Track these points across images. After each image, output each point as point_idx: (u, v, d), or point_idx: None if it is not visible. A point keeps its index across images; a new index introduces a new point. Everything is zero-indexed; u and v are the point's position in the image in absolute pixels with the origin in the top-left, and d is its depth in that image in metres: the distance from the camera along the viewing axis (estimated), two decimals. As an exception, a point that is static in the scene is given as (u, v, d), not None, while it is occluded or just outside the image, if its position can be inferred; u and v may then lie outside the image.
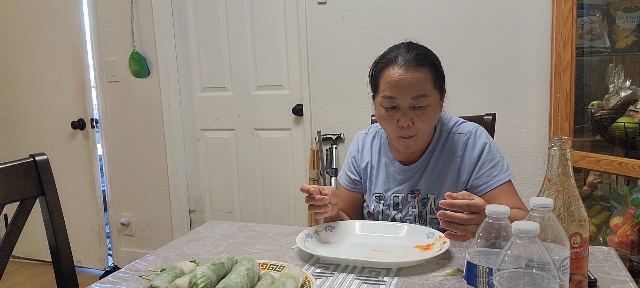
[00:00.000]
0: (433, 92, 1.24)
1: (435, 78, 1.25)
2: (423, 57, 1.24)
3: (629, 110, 1.83)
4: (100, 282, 1.09)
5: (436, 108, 1.27)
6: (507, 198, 1.27)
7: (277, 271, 1.04)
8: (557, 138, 0.84)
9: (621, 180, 1.96)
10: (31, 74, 3.13)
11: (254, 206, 2.96)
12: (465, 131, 1.33)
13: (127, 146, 3.11)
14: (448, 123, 1.37)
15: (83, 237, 3.21)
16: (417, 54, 1.24)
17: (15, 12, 3.09)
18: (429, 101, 1.23)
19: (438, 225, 1.28)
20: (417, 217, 1.35)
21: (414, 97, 1.22)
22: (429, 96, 1.23)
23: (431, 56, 1.27)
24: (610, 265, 1.04)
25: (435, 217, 1.31)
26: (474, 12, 2.33)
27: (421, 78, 1.22)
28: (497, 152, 1.32)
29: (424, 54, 1.26)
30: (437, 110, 1.28)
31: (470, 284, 0.80)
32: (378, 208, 1.40)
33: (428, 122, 1.26)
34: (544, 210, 0.77)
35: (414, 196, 1.36)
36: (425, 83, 1.22)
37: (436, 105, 1.27)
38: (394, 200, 1.38)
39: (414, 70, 1.22)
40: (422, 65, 1.22)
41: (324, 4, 2.56)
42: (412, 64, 1.22)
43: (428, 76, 1.23)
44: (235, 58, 2.84)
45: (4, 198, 1.12)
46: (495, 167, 1.29)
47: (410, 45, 1.28)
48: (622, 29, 2.02)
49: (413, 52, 1.24)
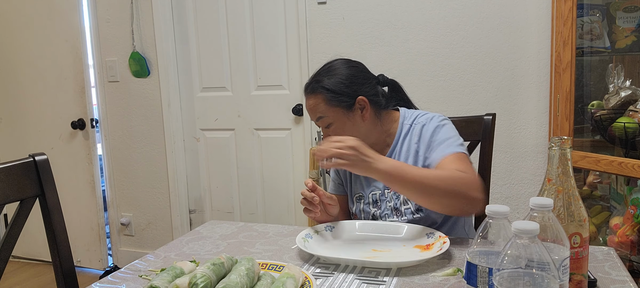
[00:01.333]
0: (330, 111, 1.34)
1: (328, 100, 1.33)
2: (314, 84, 1.36)
3: (629, 110, 1.83)
4: (100, 282, 1.09)
5: (344, 123, 1.34)
6: (452, 164, 1.25)
7: (277, 271, 1.04)
8: (557, 138, 0.84)
9: (621, 180, 1.96)
10: (31, 74, 3.13)
11: (253, 206, 2.96)
12: (421, 121, 1.37)
13: (127, 146, 3.11)
14: (410, 117, 1.41)
15: (83, 237, 3.21)
16: (309, 83, 1.37)
17: (15, 12, 3.09)
18: (329, 120, 1.35)
19: (412, 215, 1.34)
20: (393, 210, 1.39)
21: (315, 119, 1.37)
22: (325, 116, 1.34)
23: (327, 81, 1.34)
24: (610, 265, 1.04)
25: (409, 207, 1.35)
26: (474, 12, 2.33)
27: (314, 103, 1.35)
28: (449, 131, 1.33)
29: (317, 80, 1.36)
30: (346, 124, 1.35)
31: (470, 284, 0.80)
32: (359, 207, 1.45)
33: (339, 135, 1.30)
34: (544, 210, 0.77)
35: (389, 190, 1.39)
36: (318, 106, 1.34)
37: (343, 120, 1.34)
38: (372, 198, 1.42)
39: (308, 98, 1.37)
40: (314, 92, 1.35)
41: (324, 4, 2.56)
42: (306, 93, 1.38)
43: (320, 100, 1.34)
44: (235, 58, 2.84)
45: (3, 198, 1.12)
46: (443, 142, 1.30)
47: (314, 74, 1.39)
48: (622, 29, 2.02)
49: (310, 83, 1.37)
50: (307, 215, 1.31)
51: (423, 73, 2.43)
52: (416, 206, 1.34)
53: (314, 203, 1.27)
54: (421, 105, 2.44)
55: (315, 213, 1.30)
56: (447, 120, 1.37)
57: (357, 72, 1.39)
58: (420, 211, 1.34)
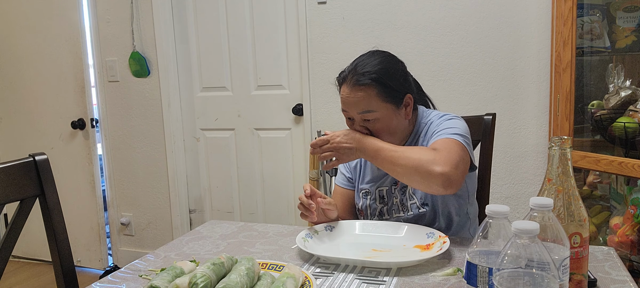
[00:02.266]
0: (381, 106, 1.30)
1: (382, 94, 1.29)
2: (366, 77, 1.29)
3: (629, 110, 1.83)
4: (100, 282, 1.09)
5: (391, 119, 1.32)
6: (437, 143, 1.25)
7: (277, 271, 1.04)
8: (557, 138, 0.84)
9: (621, 180, 1.96)
10: (31, 73, 3.13)
11: (253, 206, 2.96)
12: (433, 118, 1.37)
13: (127, 146, 3.11)
14: (426, 117, 1.41)
15: (83, 236, 3.21)
16: (361, 74, 1.29)
17: (15, 12, 3.09)
18: (377, 115, 1.30)
19: (418, 210, 1.35)
20: (400, 205, 1.39)
21: (360, 112, 1.31)
22: (375, 111, 1.30)
23: (382, 74, 1.30)
24: (610, 265, 1.04)
25: (414, 202, 1.36)
26: (474, 12, 2.33)
27: (364, 96, 1.29)
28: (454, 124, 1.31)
29: (371, 72, 1.29)
30: (392, 121, 1.32)
31: (470, 284, 0.80)
32: (365, 203, 1.45)
33: (383, 131, 1.32)
34: (544, 210, 0.77)
35: (396, 187, 1.40)
36: (370, 99, 1.29)
37: (390, 117, 1.31)
38: (379, 193, 1.42)
39: (358, 89, 1.29)
40: (365, 84, 1.29)
41: (324, 3, 2.56)
42: (356, 84, 1.30)
43: (372, 93, 1.29)
44: (235, 58, 2.84)
45: (3, 197, 1.12)
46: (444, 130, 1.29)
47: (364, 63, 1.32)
48: (622, 29, 2.02)
49: (362, 73, 1.30)
50: (304, 219, 1.31)
51: (423, 73, 2.43)
52: (421, 200, 1.34)
53: (311, 210, 1.26)
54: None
55: (312, 219, 1.29)
56: (458, 117, 1.36)
57: (405, 68, 1.38)
58: (425, 205, 1.34)
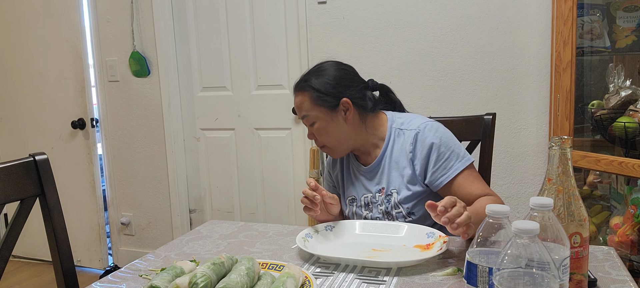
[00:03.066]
0: (315, 110, 1.37)
1: (314, 99, 1.37)
2: (302, 82, 1.40)
3: (629, 110, 1.83)
4: (100, 282, 1.09)
5: (328, 123, 1.38)
6: (472, 185, 1.30)
7: (277, 270, 1.04)
8: (557, 138, 0.84)
9: (621, 180, 1.96)
10: (31, 73, 3.13)
11: (254, 206, 2.96)
12: (414, 127, 1.38)
13: (127, 146, 3.11)
14: (398, 120, 1.43)
15: (83, 236, 3.21)
16: (299, 81, 1.41)
17: (15, 11, 3.09)
18: (313, 118, 1.38)
19: (404, 218, 1.36)
20: (385, 213, 1.40)
21: (301, 116, 1.41)
22: (309, 115, 1.38)
23: (314, 81, 1.38)
24: (610, 265, 1.04)
25: (400, 211, 1.37)
26: (474, 12, 2.33)
27: (300, 101, 1.39)
28: (450, 142, 1.34)
29: (306, 79, 1.39)
30: (330, 124, 1.38)
31: (470, 284, 0.80)
32: (351, 210, 1.47)
33: (322, 135, 1.39)
34: (544, 209, 0.77)
35: (380, 194, 1.41)
36: (304, 104, 1.38)
37: (326, 120, 1.37)
38: (364, 201, 1.44)
39: (296, 95, 1.41)
40: (301, 91, 1.39)
41: (324, 3, 2.56)
42: (295, 90, 1.42)
43: (306, 98, 1.38)
44: (235, 57, 2.84)
45: (4, 197, 1.12)
46: (450, 158, 1.32)
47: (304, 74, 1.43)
48: (622, 29, 2.02)
49: (299, 82, 1.41)
50: (307, 213, 1.32)
51: (423, 73, 2.43)
52: (407, 210, 1.36)
53: (315, 202, 1.28)
54: (421, 105, 2.45)
55: (315, 212, 1.30)
56: (440, 126, 1.38)
57: (345, 74, 1.42)
58: (412, 215, 1.37)
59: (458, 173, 1.31)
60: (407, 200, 1.36)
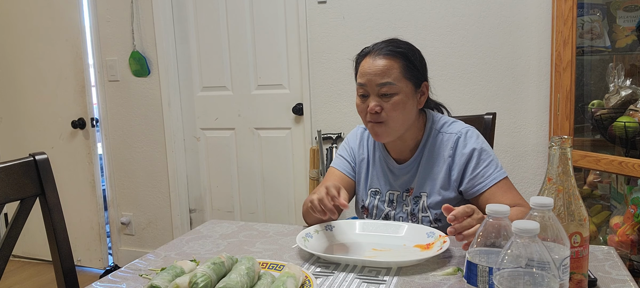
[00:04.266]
0: (402, 81, 1.27)
1: (405, 69, 1.27)
2: (396, 48, 1.28)
3: (629, 110, 1.83)
4: (100, 281, 1.09)
5: (407, 100, 1.28)
6: (505, 195, 1.28)
7: (277, 270, 1.04)
8: (557, 137, 0.84)
9: (621, 180, 1.96)
10: (31, 73, 3.13)
11: (254, 205, 2.96)
12: (455, 131, 1.34)
13: (127, 145, 3.11)
14: (438, 122, 1.39)
15: (83, 236, 3.21)
16: (390, 45, 1.29)
17: (15, 11, 3.09)
18: (396, 89, 1.26)
19: (430, 223, 1.31)
20: (410, 215, 1.37)
21: (379, 84, 1.26)
22: (395, 84, 1.26)
23: (408, 50, 1.29)
24: (610, 265, 1.04)
25: (427, 215, 1.34)
26: (474, 11, 2.33)
27: (388, 66, 1.26)
28: (490, 152, 1.32)
29: (398, 46, 1.29)
30: (408, 102, 1.29)
31: (471, 283, 0.80)
32: (373, 203, 1.42)
33: (396, 110, 1.27)
34: (544, 209, 0.77)
35: (408, 194, 1.37)
36: (392, 71, 1.26)
37: (407, 96, 1.28)
38: (389, 197, 1.40)
39: (383, 58, 1.27)
40: (392, 56, 1.27)
41: (324, 3, 2.56)
42: (382, 53, 1.27)
43: (396, 66, 1.26)
44: (236, 57, 2.84)
45: (4, 197, 1.12)
46: (489, 166, 1.29)
47: (391, 40, 1.32)
48: (623, 28, 2.02)
49: (388, 45, 1.29)
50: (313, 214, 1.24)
51: (423, 72, 2.43)
52: (435, 215, 1.32)
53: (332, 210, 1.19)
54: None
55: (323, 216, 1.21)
56: (480, 136, 1.34)
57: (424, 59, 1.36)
58: (438, 221, 1.32)
59: (496, 182, 1.28)
60: (437, 206, 1.32)
